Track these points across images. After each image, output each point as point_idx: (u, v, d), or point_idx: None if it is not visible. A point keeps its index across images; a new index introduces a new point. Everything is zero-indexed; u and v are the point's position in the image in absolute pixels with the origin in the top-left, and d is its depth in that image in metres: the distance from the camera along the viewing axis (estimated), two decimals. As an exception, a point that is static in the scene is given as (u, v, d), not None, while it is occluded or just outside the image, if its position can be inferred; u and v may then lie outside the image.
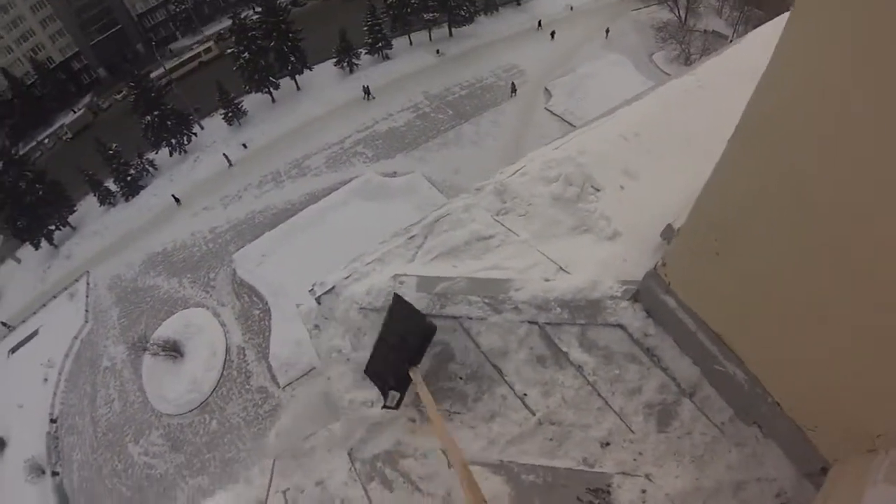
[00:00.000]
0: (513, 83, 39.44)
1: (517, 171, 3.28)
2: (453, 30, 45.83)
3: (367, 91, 41.09)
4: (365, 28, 42.79)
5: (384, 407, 2.43)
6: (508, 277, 2.56)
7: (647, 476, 2.10)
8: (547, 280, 2.49)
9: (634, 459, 2.16)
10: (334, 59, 43.93)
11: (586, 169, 3.08)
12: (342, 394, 2.69)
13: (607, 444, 2.20)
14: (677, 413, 2.18)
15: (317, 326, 2.82)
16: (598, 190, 3.02)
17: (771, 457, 2.01)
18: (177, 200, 37.36)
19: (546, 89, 39.21)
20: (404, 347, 2.36)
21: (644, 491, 2.08)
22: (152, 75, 46.37)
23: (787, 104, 1.33)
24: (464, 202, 3.16)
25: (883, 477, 1.44)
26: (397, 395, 2.30)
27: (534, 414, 2.27)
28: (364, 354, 2.62)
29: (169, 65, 50.38)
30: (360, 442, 2.69)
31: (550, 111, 37.03)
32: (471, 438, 2.30)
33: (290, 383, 24.86)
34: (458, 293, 2.54)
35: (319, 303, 3.04)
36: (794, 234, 1.47)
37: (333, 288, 2.98)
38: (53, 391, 29.53)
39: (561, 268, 2.58)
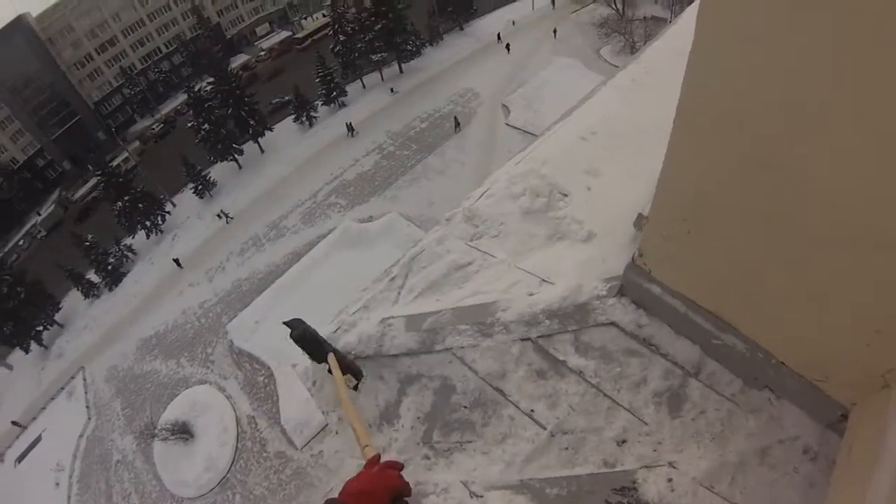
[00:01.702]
0: (455, 118, 39.64)
1: (483, 193, 3.31)
2: (403, 66, 46.68)
3: (350, 128, 41.61)
4: (317, 80, 43.43)
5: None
6: (493, 300, 2.56)
7: (671, 464, 2.08)
8: (531, 294, 2.50)
9: (654, 450, 2.14)
10: (293, 116, 44.41)
11: (550, 177, 3.13)
12: (353, 444, 2.65)
13: (623, 441, 2.18)
14: (687, 395, 2.18)
15: (314, 383, 2.79)
16: (565, 195, 3.06)
17: (789, 416, 2.01)
18: (178, 264, 37.04)
19: (504, 105, 39.86)
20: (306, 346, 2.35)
21: (670, 480, 2.05)
22: (116, 161, 46.39)
23: (718, 70, 1.37)
24: (436, 235, 3.18)
25: None
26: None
27: (544, 427, 2.25)
28: (365, 403, 2.60)
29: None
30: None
31: (512, 126, 37.59)
32: (487, 464, 2.27)
33: (307, 443, 24.40)
34: (446, 325, 2.54)
35: (314, 359, 3.01)
36: (757, 198, 1.51)
37: (325, 342, 2.95)
38: (67, 495, 28.62)
39: (543, 279, 2.60)
